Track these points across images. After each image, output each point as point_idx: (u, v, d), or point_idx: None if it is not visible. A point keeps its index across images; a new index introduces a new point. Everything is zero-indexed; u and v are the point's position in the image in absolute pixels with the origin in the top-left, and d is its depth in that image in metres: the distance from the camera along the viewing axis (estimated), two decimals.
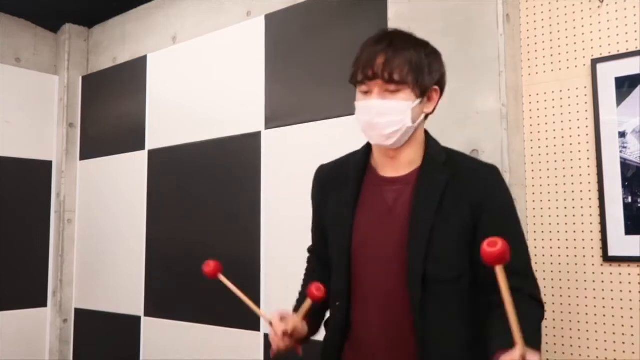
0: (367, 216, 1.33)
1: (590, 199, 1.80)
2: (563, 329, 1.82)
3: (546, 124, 1.90)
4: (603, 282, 1.77)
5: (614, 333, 1.74)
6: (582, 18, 1.85)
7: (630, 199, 1.72)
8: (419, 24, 2.05)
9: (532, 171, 1.92)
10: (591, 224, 1.80)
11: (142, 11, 3.45)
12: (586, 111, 1.82)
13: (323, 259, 1.45)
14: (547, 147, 1.90)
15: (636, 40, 1.75)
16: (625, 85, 1.74)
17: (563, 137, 1.87)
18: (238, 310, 2.69)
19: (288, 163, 2.54)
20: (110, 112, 3.56)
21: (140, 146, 3.29)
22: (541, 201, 1.89)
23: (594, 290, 1.78)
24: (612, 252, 1.75)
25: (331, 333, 1.38)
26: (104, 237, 3.49)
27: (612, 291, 1.75)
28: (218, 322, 2.77)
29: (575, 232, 1.83)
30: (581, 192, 1.82)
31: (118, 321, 3.30)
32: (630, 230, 1.72)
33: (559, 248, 1.85)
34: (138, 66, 3.37)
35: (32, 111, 3.62)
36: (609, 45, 1.80)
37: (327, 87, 2.45)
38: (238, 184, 2.77)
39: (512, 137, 1.88)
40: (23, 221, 3.54)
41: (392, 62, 1.24)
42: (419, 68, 1.26)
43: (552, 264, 1.85)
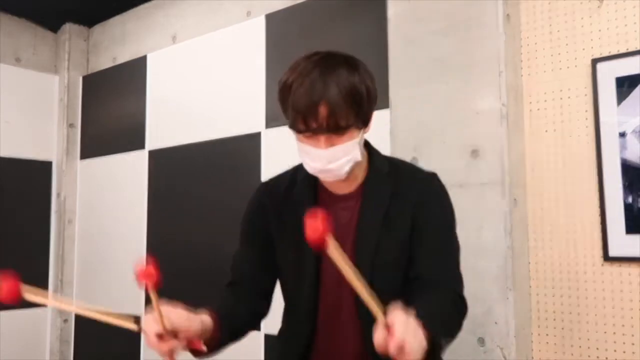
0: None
1: (590, 199, 1.80)
2: (564, 329, 1.82)
3: (546, 124, 1.90)
4: (603, 282, 1.77)
5: (614, 333, 1.74)
6: (582, 18, 1.85)
7: (630, 199, 1.72)
8: (419, 24, 2.05)
9: (532, 171, 1.92)
10: (592, 224, 1.80)
11: (142, 11, 3.45)
12: (586, 111, 1.82)
13: (258, 288, 1.35)
14: (547, 147, 1.89)
15: (636, 39, 1.74)
16: (625, 84, 1.74)
17: (563, 138, 1.86)
18: None
19: (289, 163, 2.54)
20: (110, 112, 3.56)
21: (140, 146, 3.29)
22: (541, 202, 1.89)
23: (595, 290, 1.78)
24: (613, 252, 1.75)
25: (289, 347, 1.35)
26: (105, 237, 3.49)
27: (613, 291, 1.75)
28: None
29: (575, 233, 1.83)
30: (582, 193, 1.82)
31: None
32: (630, 230, 1.72)
33: (560, 248, 1.85)
34: (138, 66, 3.37)
35: (32, 111, 3.62)
36: (609, 44, 1.79)
37: None
38: (239, 184, 2.77)
39: (512, 137, 1.88)
40: (23, 221, 3.54)
41: (336, 112, 1.16)
42: (360, 103, 1.20)
43: (553, 264, 1.85)
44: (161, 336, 1.05)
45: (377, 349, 0.98)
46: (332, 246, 0.99)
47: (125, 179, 3.38)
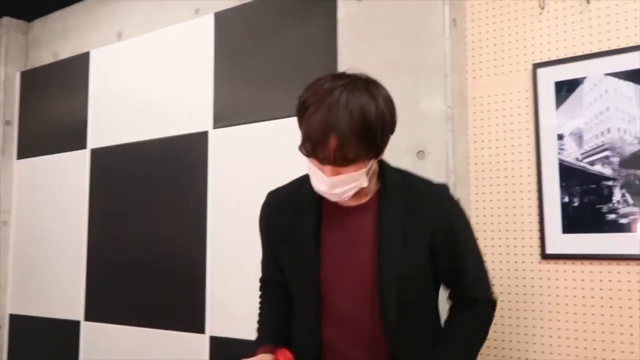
0: (331, 246, 1.34)
1: (530, 199, 1.87)
2: (503, 325, 1.87)
3: (489, 126, 1.96)
4: (541, 279, 1.83)
5: (550, 328, 1.80)
6: (524, 24, 1.92)
7: (567, 199, 1.79)
8: (369, 26, 2.08)
9: (476, 172, 1.97)
10: (530, 223, 1.86)
11: (86, 5, 3.35)
12: (527, 114, 1.89)
13: (283, 286, 1.46)
14: (490, 149, 1.95)
15: (574, 46, 1.83)
16: (564, 89, 1.82)
17: (505, 139, 1.93)
18: (182, 312, 2.65)
19: (236, 163, 2.52)
20: (50, 110, 3.43)
21: (81, 145, 3.19)
22: (484, 201, 1.95)
23: (533, 287, 1.84)
24: (550, 250, 1.81)
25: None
26: (42, 240, 3.35)
27: (550, 287, 1.81)
28: (162, 325, 2.71)
29: (515, 231, 1.89)
30: (522, 192, 1.88)
31: (56, 326, 3.18)
32: (566, 229, 1.79)
33: (500, 246, 1.91)
34: (80, 62, 3.26)
35: None
36: (549, 50, 1.87)
37: (276, 87, 2.44)
38: (184, 184, 2.72)
39: (457, 139, 1.93)
40: None
41: (345, 145, 1.17)
42: (373, 138, 1.20)
43: (494, 262, 1.90)
44: None
45: None
46: None
47: (65, 180, 3.27)
